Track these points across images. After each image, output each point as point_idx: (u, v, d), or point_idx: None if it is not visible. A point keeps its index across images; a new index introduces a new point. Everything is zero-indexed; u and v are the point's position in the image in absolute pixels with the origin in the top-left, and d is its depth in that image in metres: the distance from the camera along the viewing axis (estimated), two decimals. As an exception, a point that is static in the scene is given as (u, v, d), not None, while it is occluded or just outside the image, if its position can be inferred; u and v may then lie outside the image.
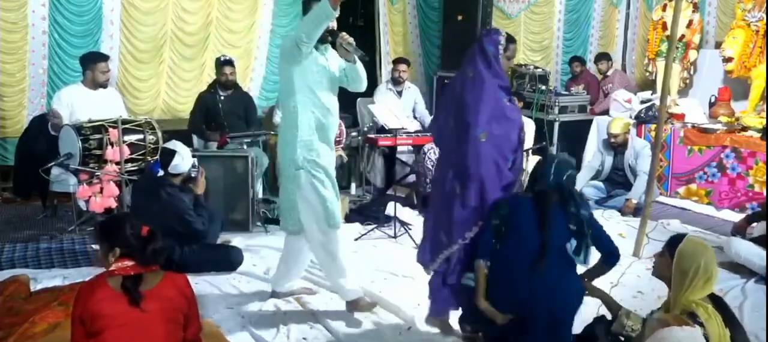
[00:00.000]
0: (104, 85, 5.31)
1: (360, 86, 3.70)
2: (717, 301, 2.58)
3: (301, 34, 3.38)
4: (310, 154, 3.52)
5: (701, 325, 2.42)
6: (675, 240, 2.68)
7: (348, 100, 7.07)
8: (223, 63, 5.97)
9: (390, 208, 5.46)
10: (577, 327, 3.35)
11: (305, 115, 3.51)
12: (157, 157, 4.56)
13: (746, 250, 4.43)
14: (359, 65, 3.60)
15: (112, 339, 2.26)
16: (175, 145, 4.32)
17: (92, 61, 5.24)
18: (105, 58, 5.39)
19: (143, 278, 2.33)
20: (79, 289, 2.42)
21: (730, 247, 4.52)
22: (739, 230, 4.74)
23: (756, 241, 4.51)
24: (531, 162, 6.54)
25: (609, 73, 7.99)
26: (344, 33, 3.53)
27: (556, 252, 2.97)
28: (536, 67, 7.88)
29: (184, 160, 4.24)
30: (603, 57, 8.14)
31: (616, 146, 6.10)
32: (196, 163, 4.38)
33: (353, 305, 3.72)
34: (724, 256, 4.67)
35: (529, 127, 6.65)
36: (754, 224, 4.73)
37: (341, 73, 3.64)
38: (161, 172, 4.25)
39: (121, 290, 2.30)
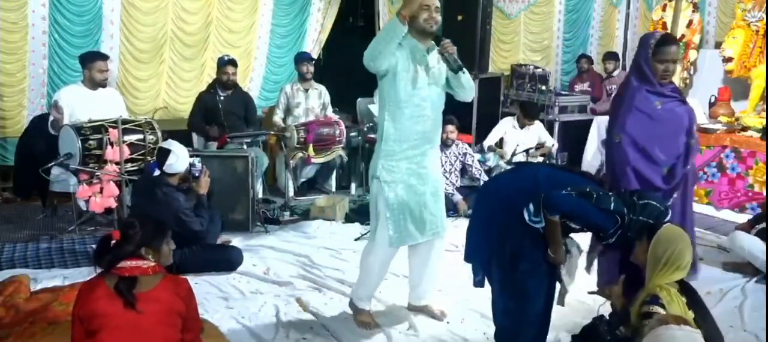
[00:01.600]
0: (103, 85, 5.30)
1: (465, 96, 3.49)
2: (684, 287, 2.61)
3: (366, 55, 3.22)
4: (389, 164, 3.38)
5: (662, 306, 2.46)
6: (654, 226, 2.71)
7: (348, 100, 7.09)
8: (225, 63, 5.96)
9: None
10: (576, 327, 3.36)
11: (391, 126, 3.35)
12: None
13: (750, 244, 4.43)
14: (463, 76, 3.40)
15: (108, 339, 2.27)
16: (170, 144, 4.32)
17: (90, 59, 5.25)
18: (103, 56, 5.40)
19: (138, 280, 2.33)
20: (80, 287, 2.44)
21: (735, 241, 4.52)
22: (742, 230, 4.72)
23: (759, 236, 4.50)
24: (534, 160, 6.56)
25: (614, 74, 7.98)
26: (448, 41, 3.34)
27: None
28: (536, 67, 7.88)
29: (179, 159, 4.23)
30: (611, 56, 8.13)
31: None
32: (198, 163, 4.38)
33: (355, 313, 3.65)
34: (728, 255, 4.67)
35: (538, 128, 6.68)
36: (757, 227, 4.72)
37: (447, 77, 3.45)
38: (157, 172, 4.25)
39: (116, 291, 2.31)
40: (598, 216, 2.76)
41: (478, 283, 3.12)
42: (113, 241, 2.39)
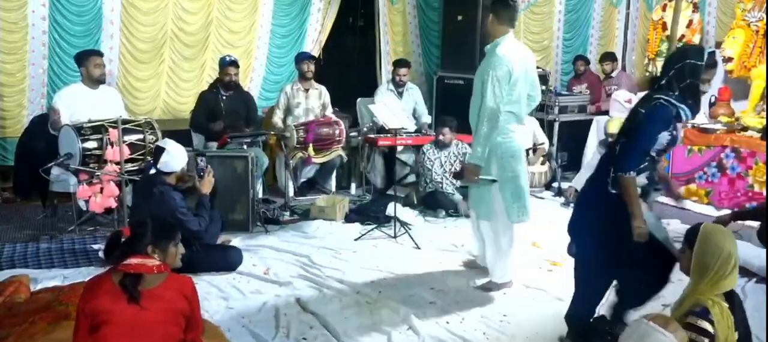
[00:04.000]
0: (102, 79, 5.32)
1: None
2: (733, 301, 2.42)
3: None
4: None
5: (711, 322, 2.30)
6: (692, 232, 2.48)
7: (348, 100, 7.09)
8: (228, 63, 5.96)
9: (390, 208, 5.47)
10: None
11: None
12: (154, 156, 4.56)
13: (744, 252, 4.40)
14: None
15: (111, 334, 2.28)
16: (165, 143, 4.32)
17: (84, 56, 5.28)
18: (97, 52, 5.43)
19: (143, 277, 2.35)
20: (86, 282, 2.46)
21: None
22: (720, 223, 4.54)
23: (759, 238, 4.46)
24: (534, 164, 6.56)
25: (613, 75, 7.96)
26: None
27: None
28: (536, 67, 7.86)
29: (173, 158, 4.23)
30: (608, 57, 8.10)
31: (613, 145, 6.12)
32: (202, 161, 4.38)
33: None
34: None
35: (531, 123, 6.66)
36: (741, 223, 4.57)
37: None
38: (153, 171, 4.25)
39: (121, 287, 2.32)
40: (654, 126, 3.12)
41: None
42: (123, 238, 2.41)
